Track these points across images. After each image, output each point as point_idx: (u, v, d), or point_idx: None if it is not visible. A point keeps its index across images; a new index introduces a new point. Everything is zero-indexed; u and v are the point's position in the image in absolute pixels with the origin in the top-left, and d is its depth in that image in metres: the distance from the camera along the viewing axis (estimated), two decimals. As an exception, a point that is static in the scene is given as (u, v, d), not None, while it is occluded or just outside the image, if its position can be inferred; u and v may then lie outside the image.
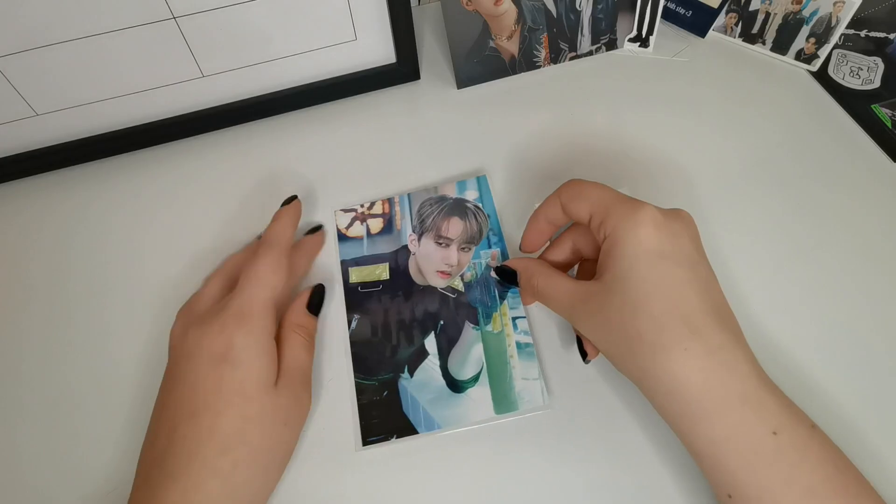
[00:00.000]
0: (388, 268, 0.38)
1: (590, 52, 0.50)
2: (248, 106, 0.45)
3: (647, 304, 0.27)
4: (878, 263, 0.39)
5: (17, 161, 0.42)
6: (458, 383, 0.34)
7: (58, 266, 0.40)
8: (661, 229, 0.28)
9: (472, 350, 0.35)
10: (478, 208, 0.40)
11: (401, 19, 0.43)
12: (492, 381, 0.34)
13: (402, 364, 0.35)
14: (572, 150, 0.44)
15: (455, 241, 0.39)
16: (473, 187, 0.41)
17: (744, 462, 0.26)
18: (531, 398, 0.33)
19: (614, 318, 0.28)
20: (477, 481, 0.31)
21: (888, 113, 0.46)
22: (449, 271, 0.38)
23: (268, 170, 0.44)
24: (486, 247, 0.38)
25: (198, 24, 0.39)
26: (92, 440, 0.33)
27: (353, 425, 0.33)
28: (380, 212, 0.40)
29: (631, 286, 0.28)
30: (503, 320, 0.35)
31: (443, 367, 0.34)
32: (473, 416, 0.33)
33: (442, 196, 0.41)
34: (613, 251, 0.29)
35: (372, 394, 0.34)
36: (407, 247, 0.39)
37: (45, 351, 0.36)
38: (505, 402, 0.33)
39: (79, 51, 0.38)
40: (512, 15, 0.45)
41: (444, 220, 0.39)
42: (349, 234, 0.40)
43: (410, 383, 0.34)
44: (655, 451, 0.32)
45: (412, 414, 0.33)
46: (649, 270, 0.28)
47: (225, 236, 0.40)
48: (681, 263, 0.28)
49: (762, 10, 0.48)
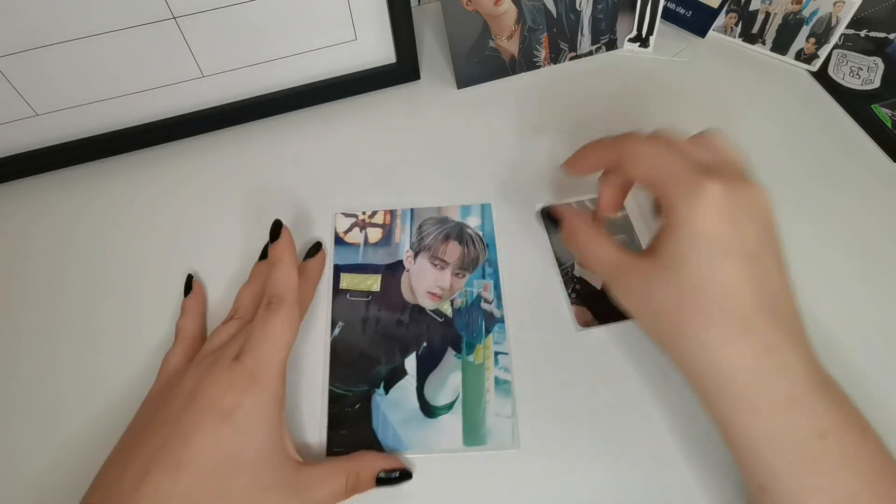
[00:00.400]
0: (380, 280, 0.38)
1: (590, 52, 0.50)
2: (248, 106, 0.45)
3: (698, 296, 0.26)
4: (879, 263, 0.39)
5: (17, 161, 0.42)
6: (431, 408, 0.33)
7: (57, 266, 0.40)
8: (723, 217, 0.26)
9: (450, 377, 0.34)
10: (478, 236, 0.39)
11: (401, 19, 0.43)
12: (465, 412, 0.33)
13: (379, 379, 0.34)
14: (572, 151, 0.44)
15: (451, 265, 0.38)
16: (477, 213, 0.40)
17: (783, 461, 0.25)
18: (501, 436, 0.32)
19: (661, 301, 0.27)
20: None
21: (888, 113, 0.46)
22: (440, 294, 0.37)
23: (268, 170, 0.44)
24: (481, 276, 0.38)
25: (198, 24, 0.39)
26: (91, 441, 0.33)
27: (319, 433, 0.32)
28: (381, 222, 0.40)
29: (684, 274, 0.27)
30: (486, 353, 0.35)
31: (419, 388, 0.34)
32: (441, 443, 0.32)
33: (444, 217, 0.40)
34: (670, 231, 0.27)
35: (344, 404, 0.33)
36: (402, 262, 0.38)
37: (43, 351, 0.36)
38: (474, 435, 0.32)
39: (79, 51, 0.38)
40: (512, 15, 0.45)
41: (443, 242, 0.39)
42: (346, 240, 0.39)
43: (384, 400, 0.33)
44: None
45: (381, 431, 0.32)
46: (705, 262, 0.26)
47: (225, 236, 0.40)
48: (740, 257, 0.26)
49: (762, 10, 0.48)
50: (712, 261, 0.26)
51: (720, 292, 0.26)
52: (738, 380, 0.26)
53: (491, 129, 0.46)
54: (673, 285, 0.27)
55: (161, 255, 0.40)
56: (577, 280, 0.38)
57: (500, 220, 0.41)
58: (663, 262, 0.27)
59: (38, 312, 0.38)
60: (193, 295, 0.36)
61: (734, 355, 0.26)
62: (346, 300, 0.37)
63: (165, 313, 0.37)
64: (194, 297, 0.36)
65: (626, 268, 0.30)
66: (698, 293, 0.26)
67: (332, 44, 0.44)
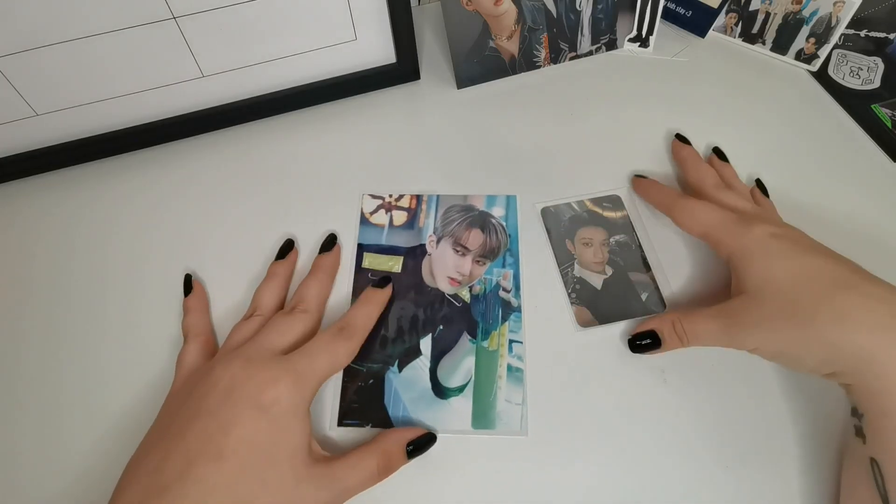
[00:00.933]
0: (402, 262, 0.38)
1: (590, 52, 0.50)
2: (248, 106, 0.45)
3: (799, 289, 0.29)
4: (879, 263, 0.38)
5: (17, 161, 0.42)
6: (443, 389, 0.34)
7: (58, 266, 0.40)
8: (773, 239, 0.32)
9: (463, 361, 0.35)
10: (502, 226, 0.40)
11: (401, 19, 0.43)
12: (476, 395, 0.34)
13: (394, 358, 0.35)
14: (572, 150, 0.44)
15: (472, 252, 0.39)
16: (502, 204, 0.41)
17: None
18: (510, 421, 0.33)
19: (778, 317, 0.29)
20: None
21: (888, 113, 0.46)
22: (460, 280, 0.38)
23: (268, 170, 0.44)
24: (501, 265, 0.38)
25: (198, 24, 0.39)
26: (92, 442, 0.33)
27: (332, 404, 0.33)
28: (406, 205, 0.41)
29: (775, 289, 0.30)
30: (500, 340, 0.36)
31: (432, 370, 0.35)
32: (451, 424, 0.33)
33: (470, 205, 0.41)
34: (739, 275, 0.32)
35: (358, 379, 0.34)
36: (424, 246, 0.39)
37: (44, 351, 0.36)
38: (484, 419, 0.33)
39: (78, 51, 0.38)
40: (512, 15, 0.45)
41: (466, 229, 0.40)
42: (372, 221, 0.40)
43: (397, 378, 0.34)
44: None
45: (392, 408, 0.33)
46: (783, 269, 0.30)
47: (225, 236, 0.40)
48: (805, 248, 0.31)
49: (762, 10, 0.48)
50: (790, 262, 0.31)
51: (816, 274, 0.30)
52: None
53: (491, 129, 0.46)
54: (776, 299, 0.30)
55: (161, 255, 0.40)
56: (577, 280, 0.38)
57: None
58: (754, 290, 0.31)
59: (39, 312, 0.38)
60: (195, 294, 0.37)
61: (869, 315, 0.28)
62: (368, 279, 0.38)
63: (166, 312, 0.37)
64: (196, 296, 0.37)
65: (731, 316, 0.32)
66: (802, 286, 0.29)
67: (332, 44, 0.44)
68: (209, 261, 0.39)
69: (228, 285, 0.38)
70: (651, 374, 0.34)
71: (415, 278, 0.38)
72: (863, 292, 0.28)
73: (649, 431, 0.33)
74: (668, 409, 0.33)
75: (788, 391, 0.34)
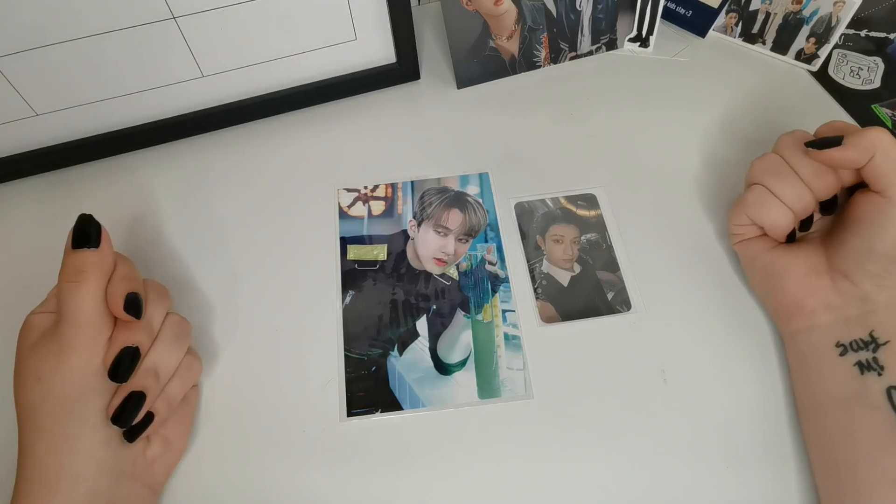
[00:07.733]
0: (387, 249, 0.39)
1: (590, 52, 0.50)
2: (248, 106, 0.45)
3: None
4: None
5: (17, 161, 0.42)
6: (445, 366, 0.35)
7: (58, 266, 0.40)
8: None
9: (461, 336, 0.36)
10: (478, 203, 0.41)
11: (401, 19, 0.43)
12: (478, 368, 0.35)
13: (393, 342, 0.36)
14: (572, 150, 0.44)
15: (454, 231, 0.40)
16: (476, 182, 0.42)
17: None
18: (514, 387, 0.34)
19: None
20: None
21: (888, 113, 0.46)
22: (445, 259, 0.39)
23: (267, 170, 0.44)
24: (483, 240, 0.40)
25: (198, 24, 0.39)
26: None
27: (338, 397, 0.34)
28: (382, 195, 0.42)
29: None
30: (494, 311, 0.37)
31: (432, 349, 0.36)
32: (458, 398, 0.34)
33: (444, 187, 0.42)
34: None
35: (360, 368, 0.35)
36: (406, 231, 0.40)
37: (44, 351, 0.36)
38: (489, 389, 0.34)
39: (78, 51, 0.38)
40: (512, 15, 0.45)
41: (444, 210, 0.41)
42: (350, 213, 0.41)
43: (399, 361, 0.35)
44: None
45: (398, 391, 0.34)
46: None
47: (225, 236, 0.40)
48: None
49: (762, 9, 0.48)
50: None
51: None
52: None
53: (490, 129, 0.46)
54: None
55: (162, 255, 0.40)
56: (544, 276, 0.38)
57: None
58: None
59: (38, 312, 0.37)
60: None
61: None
62: (355, 270, 0.38)
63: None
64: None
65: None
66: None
67: (332, 44, 0.44)
68: (209, 261, 0.39)
69: (229, 283, 0.38)
70: (651, 375, 0.35)
71: (402, 263, 0.39)
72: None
73: (649, 429, 0.33)
74: (663, 404, 0.34)
75: (788, 390, 0.34)
